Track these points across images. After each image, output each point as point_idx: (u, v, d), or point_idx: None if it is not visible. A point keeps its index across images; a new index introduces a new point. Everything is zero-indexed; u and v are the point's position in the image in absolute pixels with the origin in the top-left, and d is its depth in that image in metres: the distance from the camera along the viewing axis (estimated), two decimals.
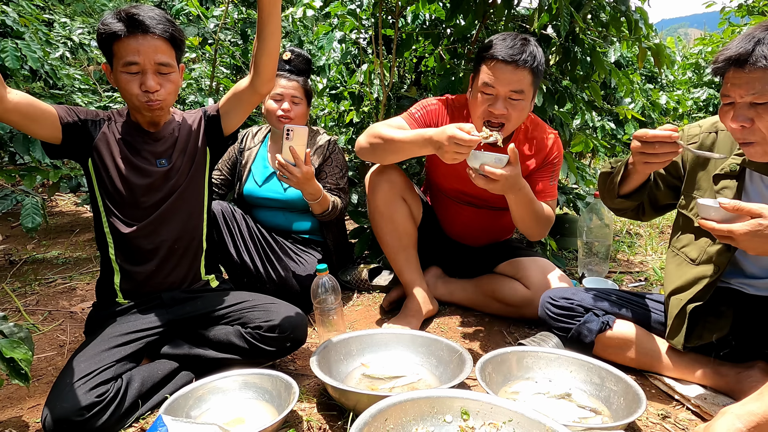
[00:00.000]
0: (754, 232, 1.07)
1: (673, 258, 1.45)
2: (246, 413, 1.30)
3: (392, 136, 1.63)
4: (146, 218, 1.47)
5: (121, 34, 1.32)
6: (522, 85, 1.58)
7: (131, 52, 1.33)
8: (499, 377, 1.41)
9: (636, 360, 1.47)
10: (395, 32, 2.38)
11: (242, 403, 1.34)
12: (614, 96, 3.83)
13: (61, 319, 2.00)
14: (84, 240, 3.15)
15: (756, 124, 1.12)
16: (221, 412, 1.30)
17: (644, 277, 2.37)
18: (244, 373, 1.37)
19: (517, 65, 1.55)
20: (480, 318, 1.95)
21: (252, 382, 1.36)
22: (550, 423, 1.01)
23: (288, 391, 1.28)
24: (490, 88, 1.59)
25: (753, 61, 1.09)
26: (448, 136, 1.41)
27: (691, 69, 6.37)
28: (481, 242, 2.09)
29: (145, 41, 1.33)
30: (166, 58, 1.37)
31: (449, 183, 1.94)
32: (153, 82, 1.35)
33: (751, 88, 1.10)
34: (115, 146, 1.47)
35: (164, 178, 1.49)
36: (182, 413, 1.24)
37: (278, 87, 2.03)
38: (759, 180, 1.28)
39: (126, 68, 1.34)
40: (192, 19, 3.54)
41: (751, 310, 1.36)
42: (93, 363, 1.27)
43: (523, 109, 1.62)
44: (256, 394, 1.35)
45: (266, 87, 1.44)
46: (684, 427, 1.26)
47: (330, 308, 1.64)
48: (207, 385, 1.33)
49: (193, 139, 1.56)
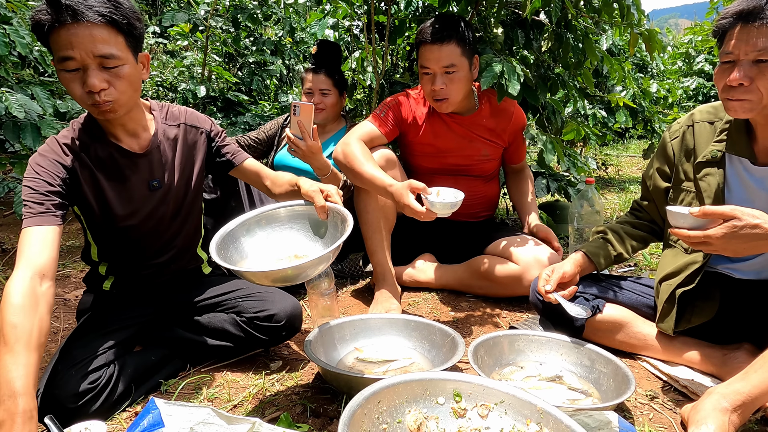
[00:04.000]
0: (731, 233, 1.08)
1: (669, 249, 1.47)
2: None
3: (361, 170, 1.72)
4: (141, 249, 1.41)
5: (48, 25, 1.06)
6: (451, 59, 1.75)
7: (63, 45, 1.07)
8: (491, 360, 1.42)
9: (625, 343, 1.49)
10: (388, 19, 2.37)
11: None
12: (606, 84, 3.84)
13: (54, 307, 1.99)
14: (77, 228, 3.12)
15: (755, 83, 1.12)
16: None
17: (633, 263, 2.40)
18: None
19: (441, 42, 1.73)
20: (473, 303, 1.96)
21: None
22: (541, 404, 1.03)
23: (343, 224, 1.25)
24: (426, 68, 1.80)
25: (764, 15, 1.08)
26: (404, 204, 1.53)
27: (681, 58, 6.39)
28: (467, 212, 2.12)
29: (81, 30, 1.06)
30: (109, 49, 1.10)
31: (430, 163, 2.05)
32: (96, 79, 1.10)
33: (759, 44, 1.09)
34: (99, 181, 1.26)
35: (163, 202, 1.37)
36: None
37: (307, 82, 2.23)
38: (738, 163, 1.30)
39: (62, 65, 1.09)
40: (183, 5, 3.50)
41: (737, 293, 1.38)
42: (86, 350, 1.27)
43: (461, 79, 1.80)
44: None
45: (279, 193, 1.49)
46: (671, 407, 1.29)
47: (324, 293, 1.65)
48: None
49: (191, 159, 1.42)
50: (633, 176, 5.37)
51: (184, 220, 1.46)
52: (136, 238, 1.38)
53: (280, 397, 1.33)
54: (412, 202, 1.51)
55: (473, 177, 2.07)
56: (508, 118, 2.00)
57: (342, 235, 1.18)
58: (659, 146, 1.50)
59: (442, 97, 1.81)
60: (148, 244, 1.41)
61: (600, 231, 1.60)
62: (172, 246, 1.46)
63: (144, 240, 1.40)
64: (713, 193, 1.32)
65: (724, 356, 1.35)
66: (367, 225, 1.91)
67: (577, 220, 2.07)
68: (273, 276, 1.16)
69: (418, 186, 1.51)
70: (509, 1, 2.20)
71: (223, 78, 3.65)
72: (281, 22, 3.81)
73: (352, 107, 3.19)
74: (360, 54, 2.79)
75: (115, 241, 1.38)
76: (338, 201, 1.29)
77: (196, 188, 1.46)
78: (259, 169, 1.53)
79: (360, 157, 1.75)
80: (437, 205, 1.47)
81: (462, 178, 2.04)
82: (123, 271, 1.44)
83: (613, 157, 6.58)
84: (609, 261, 1.54)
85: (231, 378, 1.43)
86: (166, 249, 1.45)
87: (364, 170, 1.71)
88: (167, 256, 1.46)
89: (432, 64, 1.77)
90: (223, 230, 1.30)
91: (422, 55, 1.80)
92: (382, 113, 1.93)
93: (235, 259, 1.28)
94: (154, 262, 1.44)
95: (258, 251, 1.34)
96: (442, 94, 1.80)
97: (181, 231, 1.46)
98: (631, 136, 8.40)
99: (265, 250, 1.34)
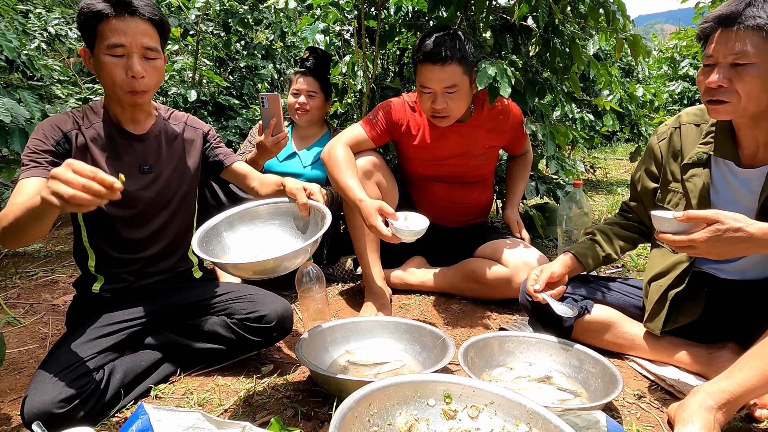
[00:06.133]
0: (715, 237, 1.10)
1: (657, 249, 1.49)
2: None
3: (339, 178, 1.74)
4: (133, 235, 1.43)
5: (107, 14, 1.24)
6: (453, 79, 1.70)
7: (117, 33, 1.24)
8: (482, 361, 1.43)
9: (613, 343, 1.51)
10: (378, 24, 2.39)
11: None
12: (593, 88, 3.89)
13: (42, 312, 1.97)
14: (66, 233, 3.10)
15: (734, 85, 1.15)
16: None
17: (621, 264, 2.43)
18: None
19: (443, 63, 1.67)
20: (463, 305, 1.98)
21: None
22: (531, 404, 1.04)
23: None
24: (426, 88, 1.74)
25: (742, 21, 1.11)
26: (369, 224, 1.56)
27: (666, 63, 6.49)
28: (459, 219, 2.15)
29: (133, 23, 1.26)
30: (153, 43, 1.30)
31: (426, 170, 2.03)
32: (139, 67, 1.27)
33: (736, 48, 1.12)
34: (93, 154, 1.36)
35: (150, 188, 1.43)
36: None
37: (296, 84, 2.28)
38: (723, 165, 1.33)
39: (111, 50, 1.26)
40: (173, 9, 3.49)
41: (722, 293, 1.41)
42: (74, 355, 1.26)
43: (461, 97, 1.76)
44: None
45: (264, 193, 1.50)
46: (658, 406, 1.31)
47: (315, 297, 1.65)
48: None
49: (188, 153, 1.52)
50: (621, 179, 5.43)
51: (174, 214, 1.49)
52: (122, 219, 1.41)
53: (272, 400, 1.33)
54: (379, 224, 1.52)
55: (468, 184, 2.06)
56: (506, 116, 1.97)
57: (320, 230, 1.22)
58: (647, 148, 1.52)
59: (442, 115, 1.77)
60: (134, 228, 1.43)
61: (589, 232, 1.62)
62: (160, 238, 1.47)
63: (131, 223, 1.42)
64: (700, 194, 1.34)
65: (710, 355, 1.37)
66: (355, 228, 1.92)
67: (566, 222, 2.09)
68: (255, 268, 1.18)
69: (387, 211, 1.52)
70: (498, 7, 2.23)
71: (214, 82, 3.64)
72: (272, 26, 3.81)
73: (343, 111, 3.20)
74: (351, 58, 2.80)
75: (102, 221, 1.40)
76: (320, 199, 1.32)
77: (189, 184, 1.52)
78: (248, 171, 1.57)
79: (341, 164, 1.76)
80: (403, 231, 1.49)
81: (457, 187, 2.05)
82: (111, 263, 1.44)
83: (601, 160, 6.65)
84: (597, 262, 1.56)
85: (222, 382, 1.43)
86: (154, 240, 1.47)
87: (341, 179, 1.72)
88: (155, 249, 1.46)
89: (433, 85, 1.71)
90: (207, 225, 1.32)
91: (422, 74, 1.73)
92: (374, 118, 1.92)
93: (217, 253, 1.30)
94: (142, 254, 1.45)
95: (240, 246, 1.36)
96: (443, 113, 1.76)
97: (170, 225, 1.49)
98: (618, 140, 8.48)
99: (247, 245, 1.36)
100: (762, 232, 1.07)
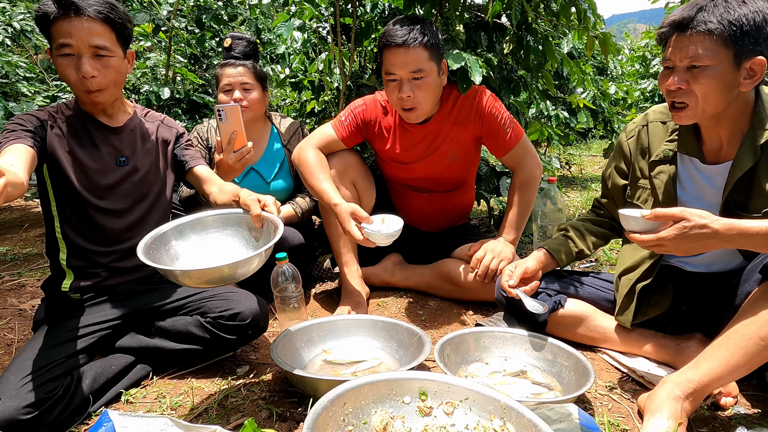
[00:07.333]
0: (682, 234, 1.13)
1: (628, 244, 1.52)
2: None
3: (312, 182, 1.74)
4: (108, 224, 1.42)
5: (53, 16, 1.26)
6: (419, 63, 1.64)
7: (64, 34, 1.26)
8: (458, 357, 1.44)
9: (586, 336, 1.54)
10: (354, 21, 2.37)
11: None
12: (567, 86, 3.94)
13: (8, 317, 1.91)
14: (34, 236, 3.01)
15: (691, 86, 1.19)
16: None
17: (594, 258, 2.48)
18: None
19: (408, 46, 1.62)
20: (440, 302, 1.98)
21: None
22: (504, 399, 1.05)
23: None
24: (391, 74, 1.68)
25: (694, 26, 1.15)
26: (344, 228, 1.56)
27: (638, 61, 6.62)
28: (438, 226, 2.14)
29: (79, 22, 1.26)
30: (103, 41, 1.29)
31: (399, 174, 2.00)
32: (89, 66, 1.28)
33: (690, 52, 1.16)
34: (70, 145, 1.38)
35: (127, 180, 1.44)
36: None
37: (225, 77, 1.94)
38: (689, 162, 1.36)
39: (60, 51, 1.28)
40: (145, 5, 3.41)
41: (689, 286, 1.45)
42: (41, 359, 1.23)
43: (429, 85, 1.69)
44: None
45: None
46: (629, 397, 1.33)
47: (291, 297, 1.64)
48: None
49: (162, 151, 1.54)
50: (595, 175, 5.52)
51: (148, 210, 1.49)
52: (97, 208, 1.41)
53: (246, 402, 1.32)
54: (352, 228, 1.52)
55: (446, 192, 2.02)
56: (470, 102, 1.82)
57: (271, 241, 1.19)
58: (617, 145, 1.55)
59: (410, 106, 1.70)
60: (108, 218, 1.42)
61: (562, 229, 1.65)
62: (134, 233, 1.44)
63: (105, 215, 1.42)
64: (666, 190, 1.37)
65: (678, 346, 1.41)
66: (331, 228, 1.90)
67: (541, 218, 2.12)
68: (205, 275, 1.12)
69: (360, 215, 1.52)
70: (472, 5, 2.24)
71: (188, 79, 3.57)
72: (247, 22, 3.76)
73: (320, 109, 3.17)
74: (327, 56, 2.78)
75: (76, 209, 1.40)
76: (274, 211, 1.28)
77: (164, 180, 1.54)
78: (209, 176, 1.54)
79: (312, 168, 1.74)
80: (374, 235, 1.50)
81: (435, 195, 2.01)
82: (83, 255, 1.42)
83: (576, 157, 6.75)
84: (570, 257, 1.58)
85: (196, 385, 1.41)
86: (129, 234, 1.45)
87: (314, 183, 1.72)
88: (129, 244, 1.44)
89: (398, 69, 1.65)
90: (154, 232, 1.27)
91: (387, 60, 1.67)
92: (346, 119, 1.87)
93: (164, 261, 1.26)
94: (116, 248, 1.44)
95: (190, 255, 1.32)
96: (409, 102, 1.69)
97: (144, 220, 1.48)
98: (593, 136, 8.62)
99: (197, 254, 1.32)
100: (726, 228, 1.10)
